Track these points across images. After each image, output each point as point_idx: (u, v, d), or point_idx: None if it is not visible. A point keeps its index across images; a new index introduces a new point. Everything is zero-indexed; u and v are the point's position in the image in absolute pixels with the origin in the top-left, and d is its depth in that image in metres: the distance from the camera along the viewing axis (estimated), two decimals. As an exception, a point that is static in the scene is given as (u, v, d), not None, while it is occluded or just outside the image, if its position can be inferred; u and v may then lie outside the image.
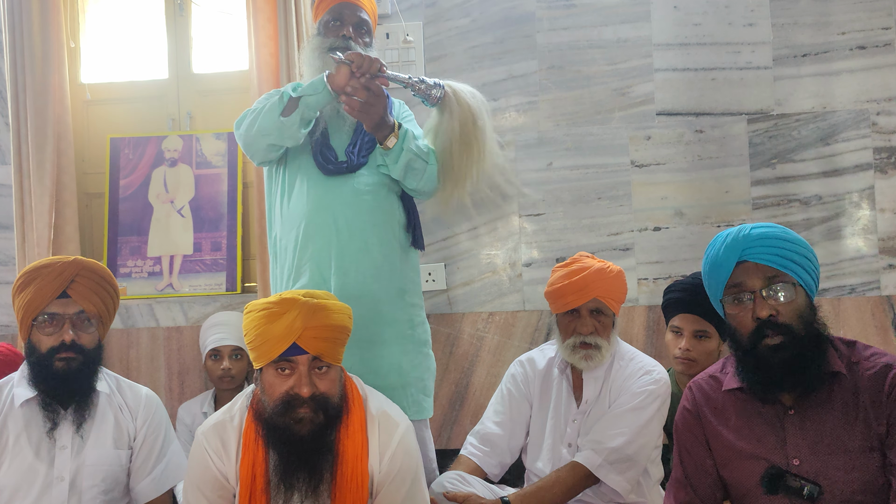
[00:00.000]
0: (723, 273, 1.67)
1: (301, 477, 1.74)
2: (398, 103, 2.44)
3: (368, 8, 2.38)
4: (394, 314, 2.23)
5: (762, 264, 1.63)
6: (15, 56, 3.04)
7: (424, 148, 2.23)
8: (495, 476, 2.31)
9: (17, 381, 2.01)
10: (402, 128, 2.20)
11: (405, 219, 2.31)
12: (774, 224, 1.69)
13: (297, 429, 1.74)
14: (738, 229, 1.67)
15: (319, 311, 1.74)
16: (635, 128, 2.99)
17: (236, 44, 3.27)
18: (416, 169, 2.21)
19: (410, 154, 2.18)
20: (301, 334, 1.72)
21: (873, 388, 1.60)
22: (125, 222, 3.20)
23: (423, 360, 2.27)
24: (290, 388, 1.74)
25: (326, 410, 1.76)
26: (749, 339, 1.64)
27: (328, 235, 2.21)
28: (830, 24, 2.94)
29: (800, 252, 1.64)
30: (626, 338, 2.80)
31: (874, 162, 2.91)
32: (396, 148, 2.17)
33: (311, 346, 1.73)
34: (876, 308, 2.88)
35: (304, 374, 1.74)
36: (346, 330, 1.80)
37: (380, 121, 2.15)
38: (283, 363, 1.75)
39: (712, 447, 1.74)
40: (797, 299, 1.63)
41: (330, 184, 2.24)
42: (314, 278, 2.21)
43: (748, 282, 1.64)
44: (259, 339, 1.75)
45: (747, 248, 1.64)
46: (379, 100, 2.13)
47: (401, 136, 2.18)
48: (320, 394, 1.75)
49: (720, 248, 1.68)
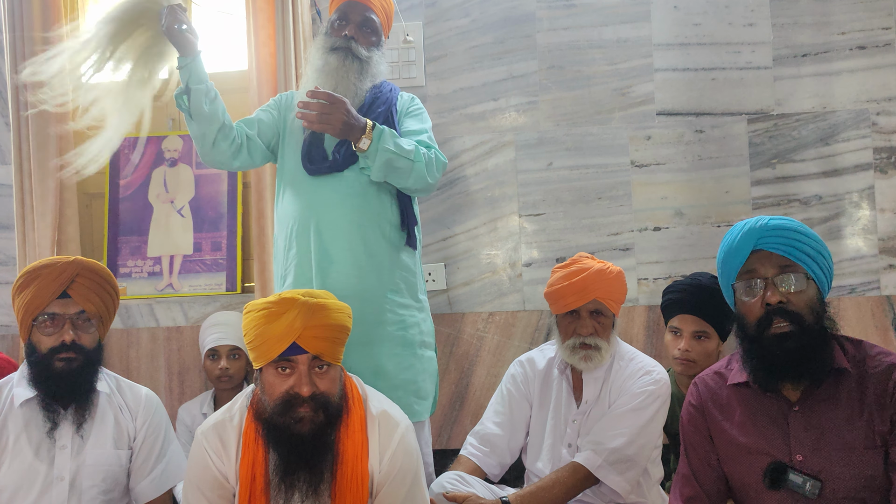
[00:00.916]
0: (738, 259, 1.69)
1: (301, 476, 1.74)
2: (408, 97, 2.41)
3: (379, 7, 2.36)
4: (379, 316, 2.21)
5: (776, 253, 1.65)
6: (15, 56, 3.04)
7: (408, 145, 2.19)
8: (495, 476, 2.31)
9: (16, 381, 2.01)
10: (376, 128, 2.16)
11: (398, 218, 2.29)
12: (792, 218, 1.72)
13: (297, 428, 1.73)
14: (757, 219, 1.70)
15: (319, 310, 1.74)
16: (635, 128, 2.99)
17: (236, 44, 3.27)
18: (399, 168, 2.18)
19: (389, 154, 2.14)
20: (301, 334, 1.72)
21: (878, 387, 1.61)
22: (125, 222, 3.20)
23: (415, 361, 2.25)
24: (291, 387, 1.74)
25: (327, 410, 1.75)
26: (757, 326, 1.66)
27: (309, 236, 2.21)
28: (830, 24, 2.94)
29: (814, 247, 1.67)
30: (626, 338, 2.80)
31: (874, 162, 2.91)
32: (371, 149, 2.14)
33: (311, 345, 1.73)
34: (876, 308, 2.88)
35: (305, 374, 1.74)
36: (346, 329, 1.80)
37: (343, 126, 2.12)
38: (282, 363, 1.75)
39: (716, 442, 1.75)
40: (808, 291, 1.65)
41: (316, 184, 2.24)
42: (298, 279, 2.22)
43: (761, 269, 1.66)
44: (259, 338, 1.75)
45: (763, 237, 1.67)
46: (334, 106, 2.10)
47: (375, 137, 2.14)
48: (320, 393, 1.75)
49: (737, 236, 1.70)
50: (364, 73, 2.32)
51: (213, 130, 2.23)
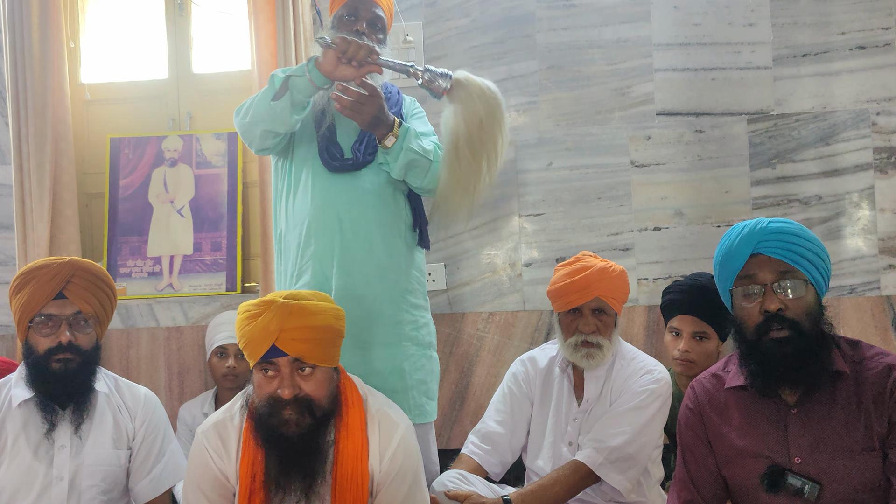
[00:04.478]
0: (735, 263, 1.67)
1: (294, 478, 1.74)
2: (409, 100, 2.39)
3: (384, 4, 2.34)
4: (397, 316, 2.19)
5: (775, 258, 1.63)
6: (15, 56, 3.04)
7: (428, 146, 2.18)
8: (496, 475, 2.30)
9: (14, 382, 2.01)
10: (402, 126, 2.15)
11: (411, 218, 2.27)
12: (791, 220, 1.69)
13: (283, 430, 1.73)
14: (756, 222, 1.67)
15: (296, 312, 1.72)
16: (635, 128, 2.99)
17: (236, 44, 3.28)
18: (418, 168, 2.16)
19: (411, 153, 2.13)
20: (279, 336, 1.70)
21: (876, 388, 1.61)
22: (125, 222, 3.20)
23: (425, 362, 2.23)
24: (274, 389, 1.73)
25: (312, 413, 1.74)
26: (755, 332, 1.64)
27: (332, 234, 2.17)
28: (830, 24, 2.94)
29: (813, 250, 1.65)
30: (626, 338, 2.80)
31: (874, 162, 2.91)
32: (396, 147, 2.13)
33: (291, 347, 1.71)
34: (876, 308, 2.87)
35: (287, 376, 1.73)
36: (332, 330, 1.77)
37: (373, 120, 2.10)
38: (265, 364, 1.74)
39: (714, 446, 1.74)
40: (807, 296, 1.64)
41: (335, 181, 2.20)
42: (316, 277, 2.19)
43: (760, 274, 1.64)
44: (243, 340, 1.75)
45: (762, 241, 1.64)
46: (371, 99, 2.08)
47: (401, 135, 2.13)
48: (304, 395, 1.73)
49: (735, 239, 1.67)
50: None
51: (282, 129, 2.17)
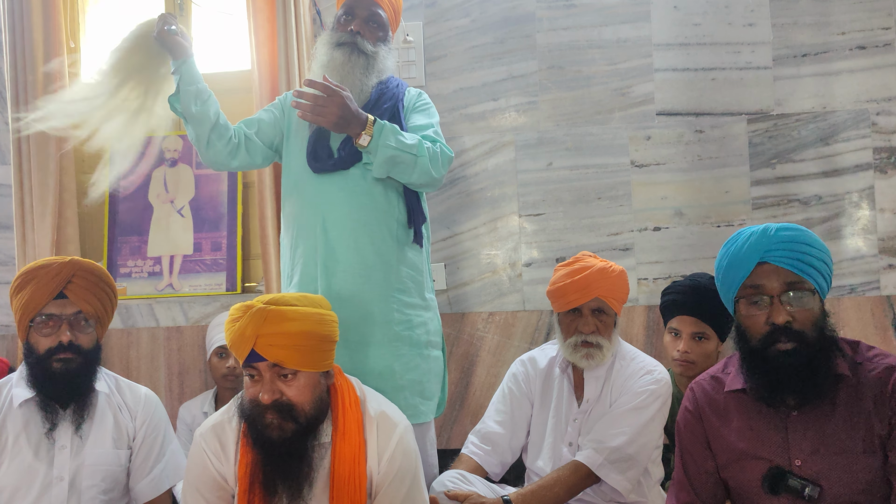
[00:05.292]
0: (741, 271, 1.64)
1: (280, 481, 1.73)
2: (416, 93, 2.38)
3: (386, 2, 2.33)
4: (387, 315, 2.18)
5: (783, 268, 1.60)
6: (15, 56, 3.04)
7: (411, 140, 2.15)
8: (496, 475, 2.30)
9: (15, 382, 2.01)
10: (377, 123, 2.11)
11: (405, 215, 2.26)
12: (798, 226, 1.66)
13: (267, 434, 1.73)
14: (763, 228, 1.64)
15: (272, 318, 1.71)
16: (635, 128, 2.99)
17: (236, 44, 3.27)
18: (402, 164, 2.14)
19: (389, 150, 2.10)
20: (256, 342, 1.70)
21: (876, 390, 1.60)
22: (125, 222, 3.20)
23: (421, 362, 2.23)
24: (256, 393, 1.74)
25: (295, 419, 1.73)
26: (760, 342, 1.62)
27: (315, 235, 2.19)
28: (830, 24, 2.93)
29: (820, 258, 1.62)
30: (626, 338, 2.80)
31: (874, 162, 2.91)
32: (372, 145, 2.10)
33: (269, 353, 1.71)
34: (876, 308, 2.87)
35: (268, 381, 1.73)
36: (315, 336, 1.75)
37: (339, 120, 2.07)
38: (248, 369, 1.75)
39: (714, 448, 1.74)
40: (813, 307, 1.62)
41: (321, 182, 2.21)
42: (303, 279, 2.20)
43: (767, 285, 1.62)
44: (229, 343, 1.77)
45: (770, 250, 1.61)
46: (331, 99, 2.06)
47: (375, 132, 2.10)
48: (285, 401, 1.73)
49: (743, 246, 1.64)
50: (370, 68, 2.28)
51: (205, 131, 2.22)
